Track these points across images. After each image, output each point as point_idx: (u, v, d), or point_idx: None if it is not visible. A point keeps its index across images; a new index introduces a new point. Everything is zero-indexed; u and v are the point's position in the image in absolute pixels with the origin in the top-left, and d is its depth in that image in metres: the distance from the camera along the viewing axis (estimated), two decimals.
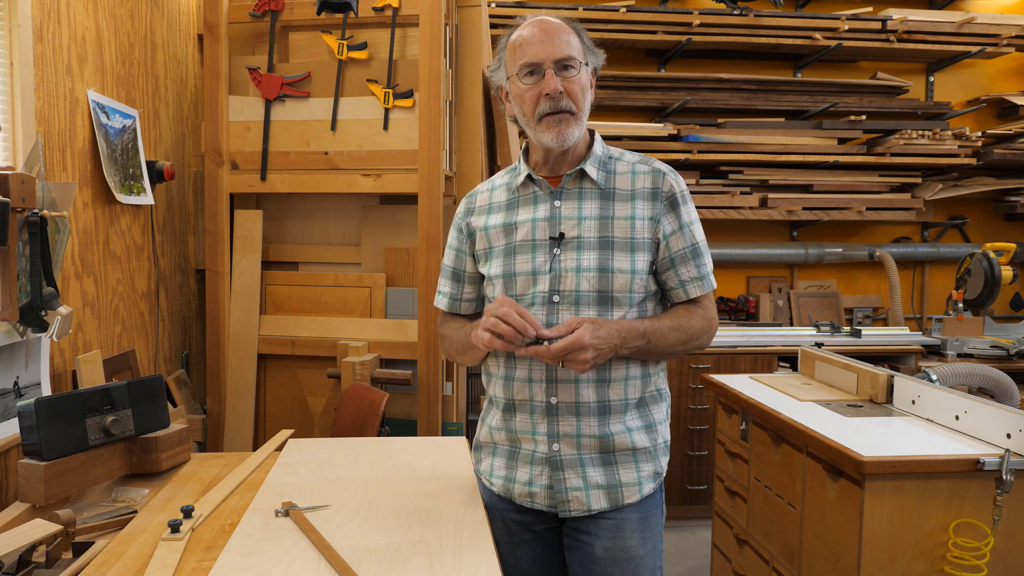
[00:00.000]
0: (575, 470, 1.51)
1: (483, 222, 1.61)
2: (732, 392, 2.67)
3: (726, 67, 4.75)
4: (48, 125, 2.03)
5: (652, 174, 1.54)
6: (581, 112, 1.50)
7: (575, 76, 1.48)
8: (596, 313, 1.49)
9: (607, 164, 1.56)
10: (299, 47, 2.97)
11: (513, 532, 1.59)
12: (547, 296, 1.50)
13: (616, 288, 1.49)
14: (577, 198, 1.53)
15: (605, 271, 1.49)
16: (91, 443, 1.70)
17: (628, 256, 1.49)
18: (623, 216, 1.51)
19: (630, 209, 1.51)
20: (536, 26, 1.50)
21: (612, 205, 1.52)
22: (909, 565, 1.85)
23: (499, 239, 1.58)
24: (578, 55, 1.49)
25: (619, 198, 1.52)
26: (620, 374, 1.51)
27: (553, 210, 1.53)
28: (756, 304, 4.76)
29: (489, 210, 1.62)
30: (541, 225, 1.53)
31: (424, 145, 2.72)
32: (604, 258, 1.49)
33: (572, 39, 1.49)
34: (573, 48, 1.49)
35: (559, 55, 1.47)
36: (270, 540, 1.39)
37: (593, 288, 1.49)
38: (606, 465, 1.52)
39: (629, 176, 1.54)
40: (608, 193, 1.53)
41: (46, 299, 1.81)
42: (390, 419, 2.82)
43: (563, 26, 1.51)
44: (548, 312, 1.50)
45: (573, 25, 1.52)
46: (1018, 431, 1.86)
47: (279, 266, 3.03)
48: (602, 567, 1.53)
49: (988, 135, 4.76)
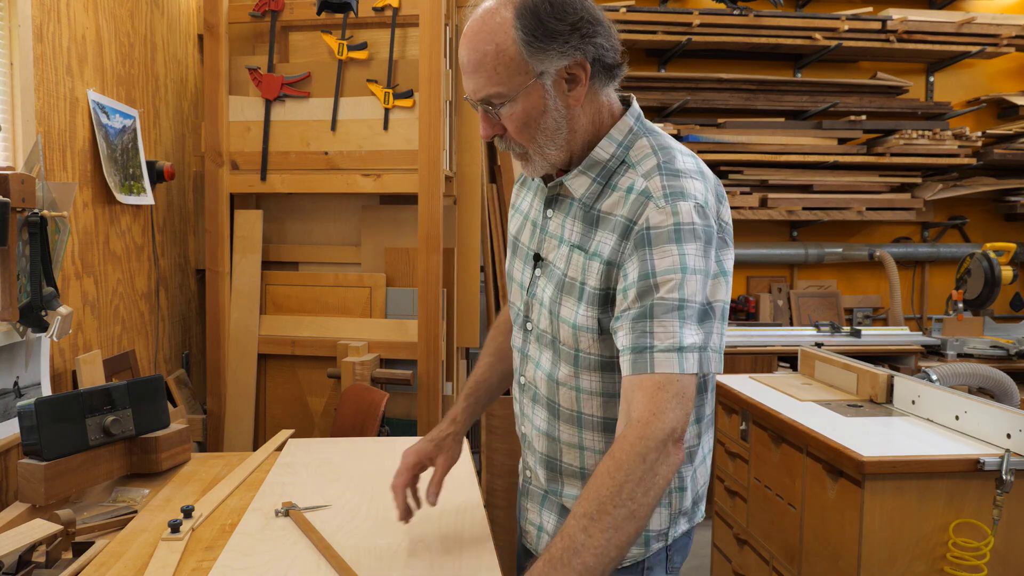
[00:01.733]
0: (535, 504, 1.37)
1: (518, 201, 1.38)
2: (732, 392, 2.67)
3: (726, 67, 4.75)
4: (48, 125, 2.03)
5: (639, 197, 1.11)
6: (533, 146, 1.15)
7: (507, 113, 1.12)
8: (551, 359, 1.23)
9: (613, 173, 1.17)
10: (299, 47, 2.97)
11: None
12: (523, 320, 1.30)
13: (562, 339, 1.20)
14: (565, 213, 1.21)
15: (554, 316, 1.20)
16: (91, 443, 1.70)
17: (574, 304, 1.17)
18: (587, 250, 1.16)
19: (596, 244, 1.15)
20: (462, 42, 1.14)
21: (592, 232, 1.16)
22: (909, 565, 1.85)
23: (514, 227, 1.36)
24: (507, 83, 1.09)
25: (601, 224, 1.15)
26: (571, 440, 1.25)
27: (544, 221, 1.25)
28: (756, 304, 4.76)
29: (525, 185, 1.38)
30: (529, 229, 1.29)
31: (424, 145, 2.72)
32: (555, 300, 1.20)
33: (498, 61, 1.09)
34: (498, 78, 1.09)
35: (477, 95, 1.13)
36: (270, 540, 1.39)
37: (548, 329, 1.23)
38: (562, 516, 1.28)
39: (624, 194, 1.13)
40: (592, 217, 1.17)
41: (46, 299, 1.81)
42: (390, 419, 2.82)
43: (490, 36, 1.09)
44: (523, 339, 1.30)
45: (519, 18, 1.08)
46: (1018, 431, 1.86)
47: (279, 266, 3.03)
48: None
49: (988, 135, 4.75)
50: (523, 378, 1.31)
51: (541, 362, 1.26)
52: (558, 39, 1.09)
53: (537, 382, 1.27)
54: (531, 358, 1.28)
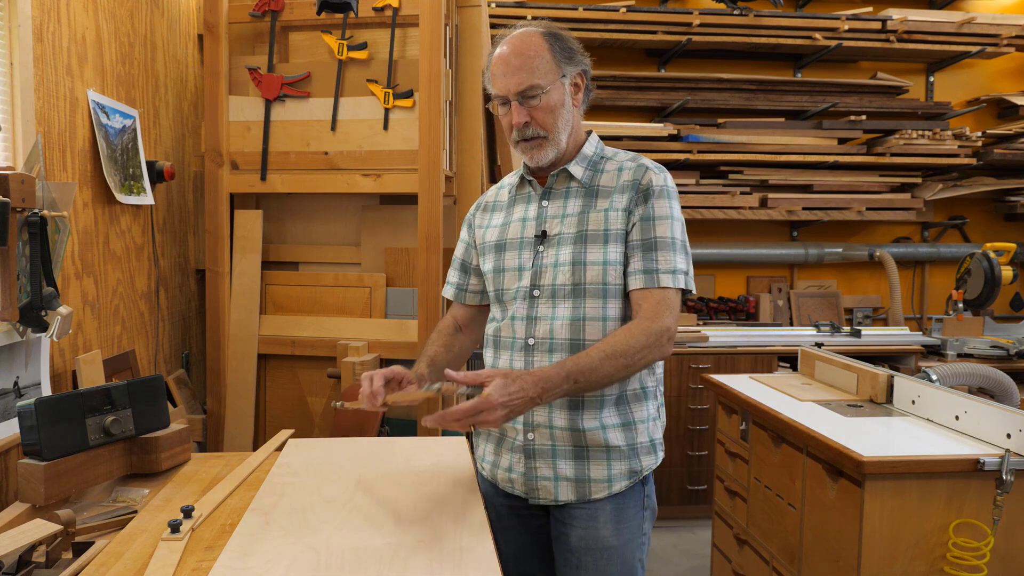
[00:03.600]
0: (546, 460, 1.55)
1: (486, 220, 1.72)
2: (732, 392, 2.67)
3: (726, 67, 4.75)
4: (48, 125, 2.03)
5: (636, 168, 1.57)
6: (553, 132, 1.54)
7: (540, 103, 1.52)
8: (571, 305, 1.53)
9: (597, 164, 1.60)
10: (299, 47, 2.97)
11: (501, 516, 1.65)
12: (528, 291, 1.57)
13: (589, 280, 1.52)
14: (564, 197, 1.59)
15: (578, 264, 1.53)
16: (91, 443, 1.70)
17: (601, 248, 1.53)
18: (600, 209, 1.55)
19: (608, 202, 1.55)
20: (502, 54, 1.54)
21: (595, 201, 1.56)
22: (909, 565, 1.85)
23: (493, 236, 1.67)
24: (544, 78, 1.51)
25: (602, 194, 1.56)
26: None
27: (540, 210, 1.60)
28: (756, 304, 4.77)
29: (494, 208, 1.73)
30: (529, 224, 1.61)
31: (424, 145, 2.72)
32: (578, 252, 1.53)
33: (539, 62, 1.51)
34: (538, 73, 1.51)
35: (520, 87, 1.51)
36: (270, 540, 1.39)
37: (567, 281, 1.53)
38: (577, 459, 1.54)
39: (615, 173, 1.58)
40: (592, 191, 1.58)
41: (46, 299, 1.81)
42: (390, 419, 2.82)
43: (531, 46, 1.52)
44: (528, 306, 1.57)
45: (548, 36, 1.54)
46: (1018, 431, 1.86)
47: (279, 266, 3.03)
48: (576, 555, 1.56)
49: (988, 135, 4.76)
50: (532, 339, 1.56)
51: (557, 313, 1.54)
52: (573, 55, 1.56)
53: (555, 332, 1.53)
54: (541, 317, 1.55)
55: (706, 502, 3.83)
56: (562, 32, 1.58)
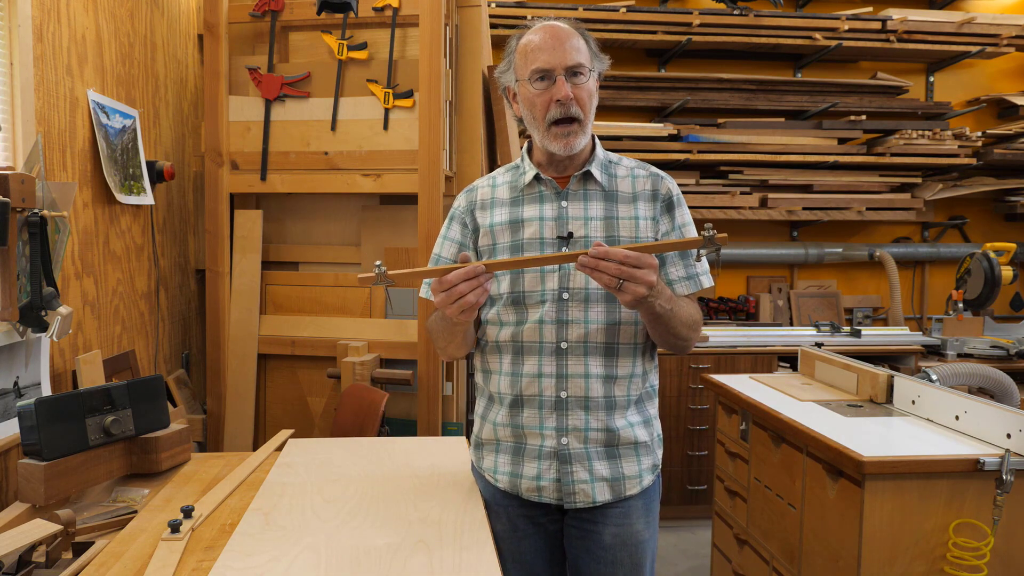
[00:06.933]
0: (582, 463, 1.55)
1: (488, 219, 1.62)
2: (732, 392, 2.67)
3: (726, 67, 4.75)
4: (48, 125, 2.03)
5: (651, 177, 1.62)
6: (587, 119, 1.55)
7: (584, 83, 1.53)
8: (604, 309, 1.55)
9: (608, 167, 1.63)
10: (299, 47, 2.97)
11: (518, 527, 1.61)
12: (557, 293, 1.55)
13: None
14: (583, 199, 1.59)
15: None
16: (91, 443, 1.70)
17: None
18: (627, 216, 1.57)
19: (633, 210, 1.58)
20: (548, 32, 1.54)
21: (616, 207, 1.58)
22: (909, 565, 1.85)
23: (504, 236, 1.60)
24: (586, 62, 1.54)
25: (622, 200, 1.59)
26: (626, 371, 1.57)
27: (560, 210, 1.57)
28: (756, 304, 4.76)
29: (493, 205, 1.64)
30: (549, 224, 1.57)
31: (424, 145, 2.72)
32: None
33: (581, 45, 1.54)
34: (582, 55, 1.53)
35: (570, 62, 1.51)
36: (270, 540, 1.39)
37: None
38: (611, 459, 1.57)
39: (630, 179, 1.62)
40: (612, 195, 1.59)
41: (46, 299, 1.81)
42: (390, 419, 2.82)
43: (573, 32, 1.55)
44: (558, 309, 1.55)
45: (581, 31, 1.57)
46: (1018, 431, 1.86)
47: (279, 266, 3.03)
48: (611, 552, 1.58)
49: (988, 135, 4.76)
50: (564, 343, 1.55)
51: (591, 316, 1.54)
52: (599, 54, 1.60)
53: (589, 336, 1.54)
54: (573, 321, 1.54)
55: (706, 502, 3.83)
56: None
